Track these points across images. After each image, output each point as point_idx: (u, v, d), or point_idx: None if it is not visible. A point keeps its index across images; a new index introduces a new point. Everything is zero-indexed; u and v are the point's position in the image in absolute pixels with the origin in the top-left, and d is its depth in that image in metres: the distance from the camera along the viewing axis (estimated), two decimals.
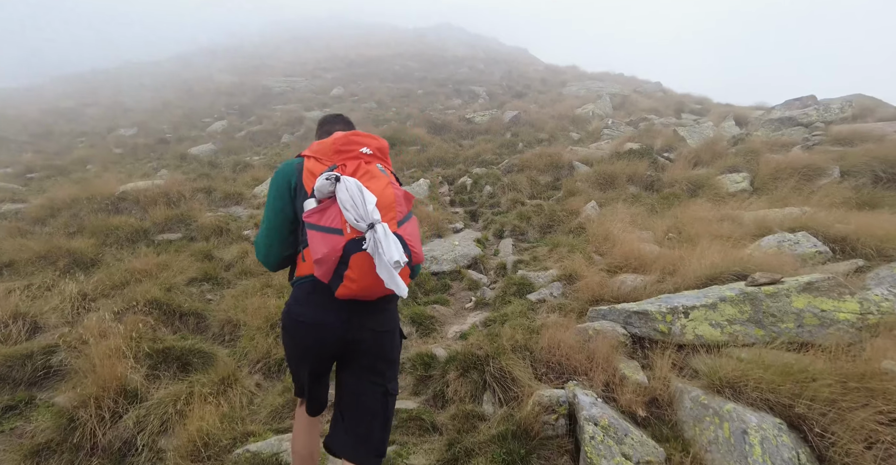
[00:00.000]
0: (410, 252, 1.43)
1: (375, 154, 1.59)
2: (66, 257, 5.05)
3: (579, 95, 14.41)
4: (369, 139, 1.61)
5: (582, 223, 5.30)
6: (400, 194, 1.51)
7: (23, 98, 23.17)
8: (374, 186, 1.46)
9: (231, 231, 6.25)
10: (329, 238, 1.39)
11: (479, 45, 26.58)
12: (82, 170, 9.94)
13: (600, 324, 2.79)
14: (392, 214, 1.45)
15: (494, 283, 4.61)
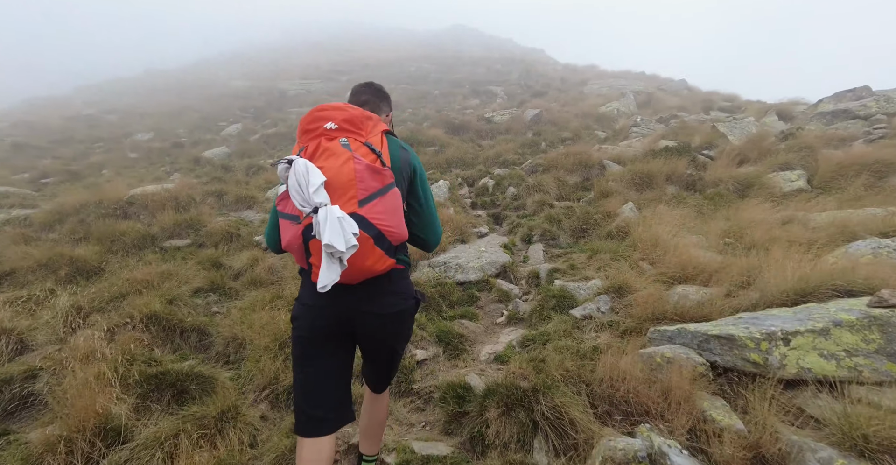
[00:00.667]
0: (380, 232, 1.35)
1: (342, 127, 1.42)
2: (68, 265, 4.76)
3: (602, 94, 13.85)
4: (335, 112, 1.44)
5: (621, 227, 4.80)
6: (362, 168, 1.35)
7: (47, 106, 23.61)
8: (330, 164, 1.35)
9: (241, 237, 5.92)
10: (290, 226, 1.37)
11: (494, 47, 26.18)
12: (96, 175, 9.80)
13: (669, 349, 2.30)
14: (351, 193, 1.33)
15: (527, 294, 4.14)
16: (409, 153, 1.61)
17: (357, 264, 1.34)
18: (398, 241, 1.43)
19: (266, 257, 5.27)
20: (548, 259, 4.92)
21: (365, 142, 1.43)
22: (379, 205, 1.36)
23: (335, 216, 1.26)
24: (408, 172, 1.57)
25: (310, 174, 1.30)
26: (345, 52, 27.87)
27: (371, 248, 1.35)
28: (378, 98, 1.77)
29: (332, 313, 1.48)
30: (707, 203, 5.21)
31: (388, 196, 1.39)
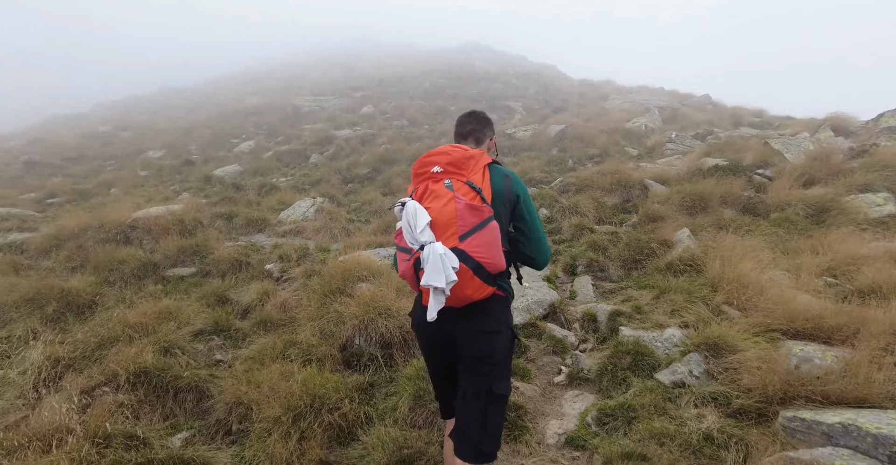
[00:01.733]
0: (478, 264, 1.50)
1: (446, 170, 1.61)
2: (57, 299, 4.24)
3: (624, 109, 13.33)
4: (440, 156, 1.64)
5: (684, 258, 4.15)
6: (461, 207, 1.51)
7: (65, 124, 23.78)
8: (435, 205, 1.53)
9: (251, 265, 5.39)
10: (403, 257, 1.61)
11: (507, 63, 25.97)
12: (105, 194, 9.44)
13: (838, 458, 1.65)
14: (453, 230, 1.50)
15: (584, 342, 3.50)
16: (512, 180, 1.72)
17: (458, 293, 1.50)
18: (496, 270, 1.56)
19: (277, 290, 4.72)
20: (599, 296, 4.29)
21: (466, 181, 1.58)
22: (477, 239, 1.51)
23: (438, 254, 1.43)
24: (511, 200, 1.69)
25: (417, 216, 1.50)
26: (358, 68, 27.90)
27: (470, 278, 1.50)
28: (481, 125, 1.94)
29: (439, 330, 1.66)
30: (777, 230, 4.56)
31: (486, 230, 1.53)
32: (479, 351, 1.65)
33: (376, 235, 6.39)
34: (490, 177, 1.65)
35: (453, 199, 1.52)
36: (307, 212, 7.58)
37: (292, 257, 5.60)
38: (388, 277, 4.37)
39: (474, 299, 1.56)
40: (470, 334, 1.64)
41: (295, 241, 6.49)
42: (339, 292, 4.24)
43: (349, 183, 10.21)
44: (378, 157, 10.93)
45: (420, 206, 1.52)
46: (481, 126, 1.93)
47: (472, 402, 1.65)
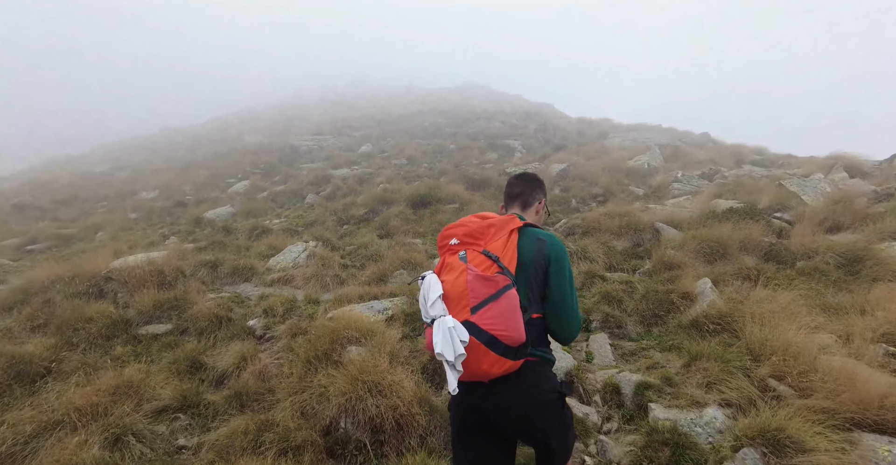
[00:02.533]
0: (493, 337, 1.43)
1: (462, 241, 1.60)
2: (5, 369, 3.75)
3: (624, 147, 13.28)
4: (458, 228, 1.65)
5: (711, 316, 3.72)
6: (472, 279, 1.47)
7: (64, 165, 23.80)
8: (449, 278, 1.52)
9: (233, 322, 4.92)
10: (428, 330, 1.51)
11: (505, 102, 26.51)
12: (90, 238, 9.06)
13: None
14: (464, 302, 1.46)
15: (608, 420, 3.01)
16: (546, 243, 1.63)
17: (472, 368, 1.44)
18: (514, 343, 1.46)
19: (258, 353, 4.23)
20: (619, 357, 3.82)
21: (483, 250, 1.55)
22: (491, 310, 1.44)
23: (446, 327, 1.41)
24: (541, 263, 1.59)
25: (430, 290, 1.50)
26: (358, 108, 28.42)
27: (484, 352, 1.43)
28: (530, 187, 1.90)
29: (470, 406, 1.58)
30: (809, 282, 4.15)
31: (502, 300, 1.45)
32: (528, 427, 1.56)
33: (370, 284, 5.95)
34: (518, 241, 1.58)
35: (465, 270, 1.50)
36: (298, 257, 7.17)
37: (278, 310, 5.14)
38: (381, 338, 3.91)
39: (493, 375, 1.47)
40: (503, 410, 1.53)
41: (283, 291, 6.05)
42: (326, 359, 3.77)
43: (345, 224, 9.86)
44: (376, 197, 10.65)
45: (436, 279, 1.53)
46: (530, 188, 1.89)
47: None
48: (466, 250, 1.56)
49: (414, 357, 3.79)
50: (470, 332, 1.41)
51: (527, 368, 1.51)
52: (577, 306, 1.65)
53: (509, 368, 1.45)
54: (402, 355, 3.74)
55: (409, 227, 8.60)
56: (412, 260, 6.35)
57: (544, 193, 1.95)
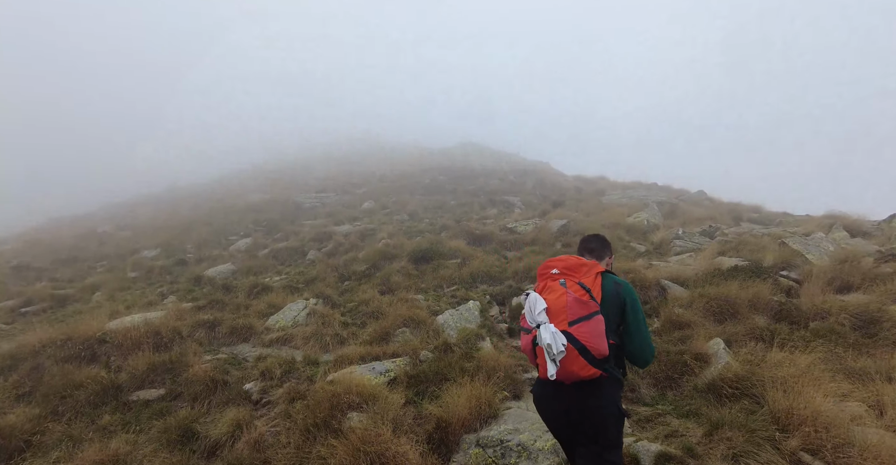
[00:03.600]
0: (583, 346, 1.89)
1: (562, 272, 2.11)
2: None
3: (622, 203, 13.58)
4: (558, 262, 2.17)
5: (728, 379, 3.58)
6: (571, 300, 1.96)
7: (68, 225, 24.04)
8: (550, 297, 2.02)
9: (229, 385, 4.73)
10: (525, 336, 2.10)
11: (503, 160, 27.50)
12: (87, 299, 8.93)
13: None
14: (563, 316, 1.95)
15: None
16: (623, 287, 2.12)
17: (566, 367, 1.90)
18: (599, 355, 1.91)
19: (255, 421, 4.01)
20: (634, 424, 3.61)
21: (578, 281, 2.05)
22: (584, 326, 1.92)
23: (551, 331, 1.90)
24: (619, 303, 2.07)
25: (536, 303, 2.02)
26: (360, 165, 29.37)
27: (576, 357, 1.90)
28: (602, 246, 2.43)
29: (557, 401, 2.05)
30: (825, 343, 4.05)
31: (592, 321, 1.94)
32: (591, 425, 1.98)
33: (372, 343, 5.78)
34: (602, 282, 2.08)
35: (565, 293, 1.99)
36: (298, 316, 7.03)
37: (276, 373, 4.95)
38: (383, 403, 3.74)
39: (581, 377, 1.91)
40: (581, 408, 1.98)
41: (282, 351, 5.86)
42: (325, 426, 3.58)
43: (346, 280, 9.78)
44: (377, 252, 10.66)
45: (539, 296, 2.04)
46: (601, 247, 2.43)
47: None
48: (565, 278, 2.06)
49: (418, 425, 3.59)
50: (567, 339, 1.89)
51: (603, 381, 1.96)
52: (650, 338, 2.13)
53: (592, 374, 1.91)
54: (405, 422, 3.55)
55: (412, 282, 8.53)
56: (415, 317, 6.22)
57: (611, 252, 2.49)
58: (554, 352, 1.84)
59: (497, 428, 3.32)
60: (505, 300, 7.28)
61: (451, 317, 6.31)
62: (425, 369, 4.57)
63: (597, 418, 1.95)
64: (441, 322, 6.16)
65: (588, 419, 1.95)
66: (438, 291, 8.14)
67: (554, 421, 2.11)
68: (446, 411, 3.59)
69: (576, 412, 1.97)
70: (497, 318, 6.74)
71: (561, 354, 1.85)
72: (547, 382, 1.98)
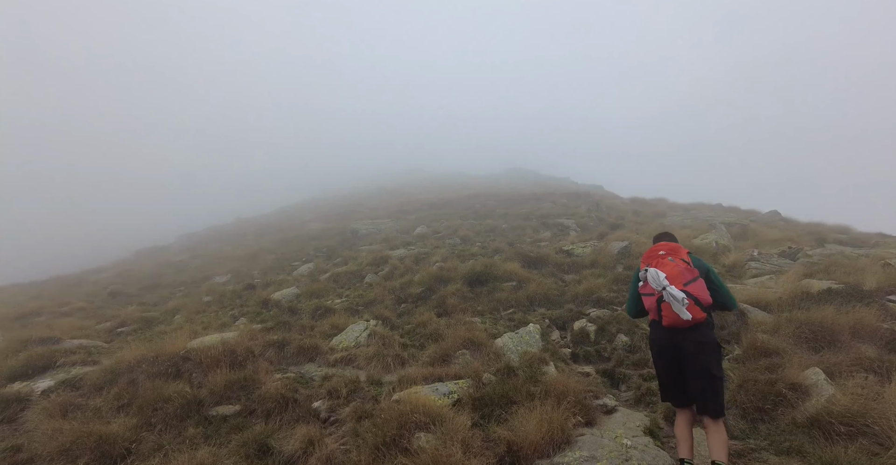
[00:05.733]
0: (696, 298, 2.92)
1: (668, 253, 3.16)
2: (92, 449, 3.87)
3: (686, 225, 12.92)
4: (663, 247, 3.24)
5: (834, 412, 3.22)
6: (683, 269, 3.02)
7: (150, 255, 26.47)
8: (666, 269, 3.02)
9: (299, 403, 4.88)
10: (649, 298, 3.09)
11: (553, 184, 27.30)
12: (169, 321, 9.67)
13: None
14: (679, 280, 2.97)
15: None
16: (702, 261, 3.21)
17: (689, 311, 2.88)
18: (706, 303, 2.96)
19: (325, 438, 4.09)
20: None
21: (681, 258, 3.11)
22: (693, 286, 2.96)
23: (674, 291, 2.88)
24: (703, 270, 3.13)
25: (658, 274, 2.98)
26: (410, 195, 30.23)
27: (693, 305, 2.90)
28: (673, 238, 3.51)
29: (671, 341, 3.02)
30: None
31: (698, 282, 2.99)
32: (702, 352, 2.91)
33: (433, 365, 5.78)
34: (692, 258, 3.16)
35: (676, 266, 3.03)
36: (360, 336, 7.20)
37: (342, 392, 5.06)
38: (450, 425, 3.70)
39: (695, 320, 2.89)
40: (693, 342, 2.93)
41: (346, 371, 5.99)
42: (394, 445, 3.59)
43: (403, 303, 9.91)
44: (432, 275, 10.76)
45: (658, 270, 3.01)
46: (673, 238, 3.49)
47: (708, 383, 2.88)
48: (671, 256, 3.10)
49: (488, 448, 3.50)
50: (685, 294, 2.88)
51: (706, 323, 2.98)
52: (729, 291, 3.18)
53: (702, 318, 2.91)
54: (475, 444, 3.48)
55: (467, 305, 8.51)
56: (474, 340, 6.16)
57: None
58: (681, 303, 2.81)
59: (572, 454, 3.18)
60: (566, 324, 7.05)
61: (510, 340, 6.20)
62: (489, 391, 4.49)
63: (706, 347, 2.90)
64: (500, 345, 6.06)
65: (699, 349, 2.89)
66: (495, 314, 8.04)
67: (667, 356, 3.05)
68: (516, 435, 3.49)
69: (690, 345, 2.90)
70: (559, 342, 6.53)
71: (686, 303, 2.81)
72: (664, 328, 3.00)
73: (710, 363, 2.87)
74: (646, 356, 5.31)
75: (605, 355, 5.79)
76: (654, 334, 3.13)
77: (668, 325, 2.93)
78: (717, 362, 2.92)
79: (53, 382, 5.60)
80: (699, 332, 2.90)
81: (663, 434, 3.72)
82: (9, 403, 4.98)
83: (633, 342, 5.63)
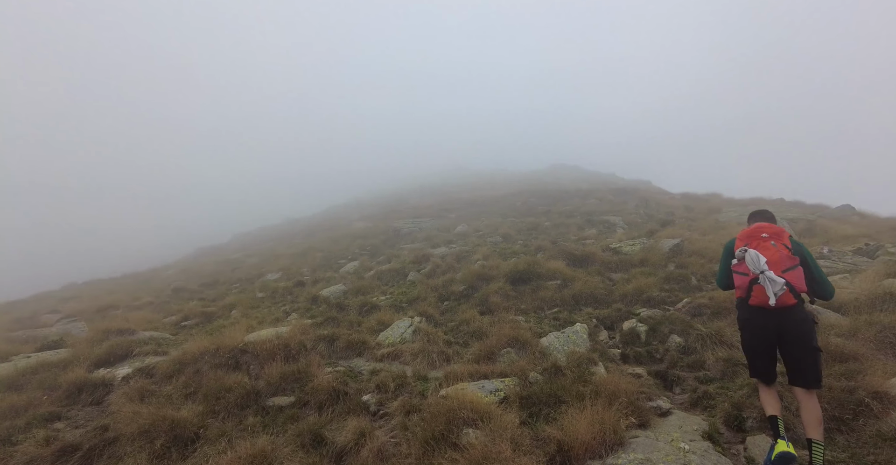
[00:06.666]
0: (792, 286, 3.04)
1: (770, 236, 3.23)
2: (166, 432, 4.19)
3: (743, 221, 12.12)
4: (766, 229, 3.32)
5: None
6: (784, 255, 3.12)
7: (208, 254, 28.23)
8: (766, 253, 3.12)
9: (349, 396, 5.03)
10: (742, 278, 3.22)
11: (598, 180, 26.48)
12: (227, 315, 10.25)
13: None
14: (779, 266, 3.07)
15: None
16: (801, 246, 3.30)
17: (781, 298, 3.02)
18: (801, 291, 3.08)
19: (375, 431, 4.21)
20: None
21: (783, 243, 3.20)
22: (791, 273, 3.07)
23: (773, 276, 3.02)
24: (803, 256, 3.22)
25: (759, 257, 3.09)
26: (450, 193, 30.35)
27: (787, 292, 3.02)
28: (774, 220, 3.68)
29: (765, 322, 3.15)
30: None
31: (797, 270, 3.09)
32: (800, 329, 3.06)
33: (478, 362, 5.79)
34: (792, 243, 3.25)
35: (777, 251, 3.12)
36: (405, 333, 7.33)
37: (390, 386, 5.18)
38: (498, 422, 3.69)
39: (789, 304, 3.04)
40: (792, 321, 3.06)
41: (392, 366, 6.13)
42: (443, 440, 3.63)
43: (445, 300, 9.98)
44: (474, 273, 10.76)
45: (758, 252, 3.12)
46: (773, 219, 3.67)
47: (807, 355, 3.06)
48: (774, 240, 3.18)
49: (537, 446, 3.47)
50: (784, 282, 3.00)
51: (799, 305, 3.10)
52: (828, 280, 3.28)
53: (795, 303, 3.06)
54: (524, 442, 3.46)
55: (510, 303, 8.44)
56: (518, 338, 6.11)
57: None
58: (776, 289, 2.97)
59: (626, 456, 3.09)
60: (614, 324, 6.83)
61: (556, 340, 6.09)
62: (536, 390, 4.44)
63: (802, 325, 3.06)
64: (546, 344, 5.97)
65: (795, 326, 3.05)
66: (539, 313, 7.93)
67: (761, 335, 3.18)
68: (566, 434, 3.43)
69: (789, 324, 3.06)
70: (607, 342, 6.34)
71: (781, 290, 2.97)
72: (757, 309, 3.13)
73: (808, 337, 3.02)
74: (701, 358, 5.06)
75: (656, 356, 5.56)
76: (746, 312, 3.25)
77: (757, 304, 3.09)
78: (814, 335, 3.07)
79: (131, 369, 6.10)
80: (794, 310, 3.05)
81: (724, 440, 3.54)
82: (96, 387, 5.50)
83: (688, 344, 5.38)
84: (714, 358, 4.88)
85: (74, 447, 4.17)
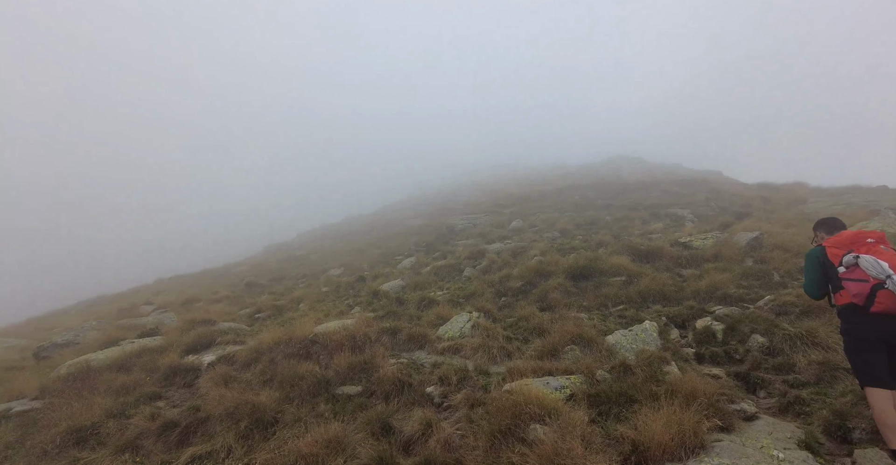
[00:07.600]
0: None
1: (877, 240, 3.21)
2: (248, 415, 4.53)
3: (835, 212, 10.94)
4: (871, 234, 3.27)
5: None
6: None
7: (275, 251, 30.02)
8: (884, 257, 3.04)
9: (413, 387, 5.16)
10: (859, 284, 3.07)
11: (661, 172, 25.02)
12: (295, 308, 10.86)
13: None
14: None
15: None
16: None
17: None
18: None
19: (441, 422, 4.28)
20: None
21: (892, 246, 3.21)
22: None
23: None
24: None
25: (879, 262, 2.99)
26: (503, 190, 30.02)
27: None
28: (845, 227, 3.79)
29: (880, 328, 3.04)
30: None
31: None
32: None
33: (541, 358, 5.70)
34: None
35: (894, 255, 3.08)
36: (464, 327, 7.37)
37: (452, 379, 5.23)
38: (566, 419, 3.61)
39: None
40: None
41: (453, 360, 6.19)
42: (510, 434, 3.61)
43: (502, 296, 9.90)
44: (531, 269, 10.57)
45: (875, 258, 3.03)
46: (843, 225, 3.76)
47: None
48: (883, 245, 3.17)
49: (609, 445, 3.36)
50: None
51: None
52: None
53: None
54: (595, 441, 3.36)
55: (572, 300, 8.22)
56: (583, 335, 5.93)
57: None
58: None
59: (710, 461, 2.90)
60: (686, 323, 6.44)
61: (623, 338, 5.85)
62: (605, 388, 4.29)
63: None
64: (612, 342, 5.75)
65: None
66: (602, 310, 7.65)
67: (878, 340, 3.06)
68: (641, 434, 3.29)
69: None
70: (679, 341, 5.99)
71: None
72: (881, 316, 3.00)
73: None
74: (790, 360, 4.64)
75: (735, 357, 5.17)
76: (861, 319, 3.12)
77: (881, 311, 2.98)
78: None
79: (214, 357, 6.64)
80: None
81: (825, 451, 3.22)
82: (187, 371, 6.06)
83: (773, 344, 4.95)
84: (806, 361, 4.46)
85: (174, 424, 4.62)
